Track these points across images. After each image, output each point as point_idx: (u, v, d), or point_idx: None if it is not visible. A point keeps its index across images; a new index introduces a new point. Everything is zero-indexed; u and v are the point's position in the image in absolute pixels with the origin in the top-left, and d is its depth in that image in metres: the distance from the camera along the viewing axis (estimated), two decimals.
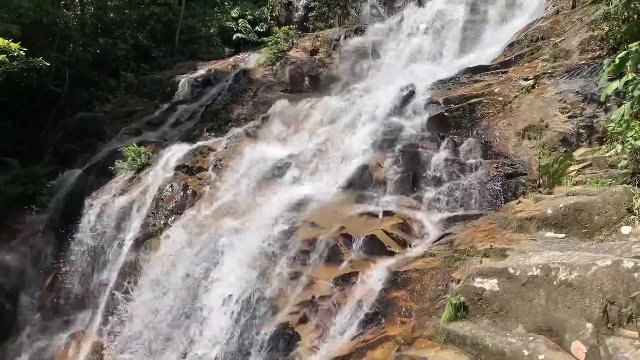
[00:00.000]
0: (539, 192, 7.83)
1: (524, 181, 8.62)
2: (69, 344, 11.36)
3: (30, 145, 17.79)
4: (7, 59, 12.11)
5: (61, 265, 12.77)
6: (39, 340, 12.20)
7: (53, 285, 12.69)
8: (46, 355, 11.70)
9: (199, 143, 13.90)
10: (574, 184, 7.35)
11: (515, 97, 10.31)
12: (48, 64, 14.29)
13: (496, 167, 9.06)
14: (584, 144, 8.64)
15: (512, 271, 5.16)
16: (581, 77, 9.77)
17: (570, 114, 9.14)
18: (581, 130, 8.77)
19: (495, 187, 8.80)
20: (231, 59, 21.44)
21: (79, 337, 11.37)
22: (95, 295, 11.79)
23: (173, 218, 11.62)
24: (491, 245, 6.33)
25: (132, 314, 10.68)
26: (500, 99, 10.45)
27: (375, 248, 8.31)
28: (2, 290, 12.49)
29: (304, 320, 7.94)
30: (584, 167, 7.77)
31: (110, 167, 14.05)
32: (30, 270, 13.25)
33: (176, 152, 13.59)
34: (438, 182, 9.50)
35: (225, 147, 13.37)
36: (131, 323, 10.44)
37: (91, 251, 12.42)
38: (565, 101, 9.37)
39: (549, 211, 6.34)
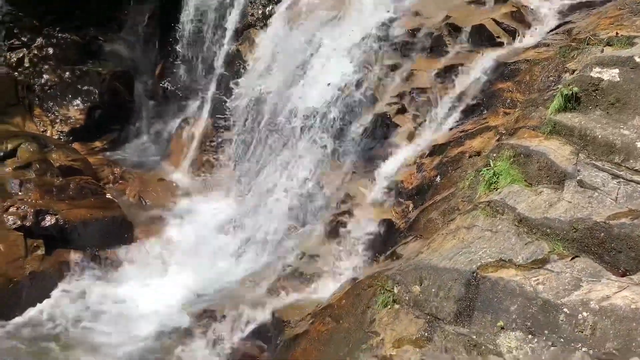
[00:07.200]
0: None
1: None
2: (183, 128, 12.39)
3: None
4: None
5: (167, 54, 13.32)
6: (155, 123, 13.38)
7: (163, 74, 13.41)
8: (162, 136, 12.93)
9: None
10: None
11: None
12: None
13: None
14: None
15: (638, 60, 4.71)
16: None
17: None
18: None
19: None
20: None
21: (191, 122, 12.34)
22: (202, 84, 12.41)
23: (271, 7, 11.38)
24: (617, 33, 5.69)
25: (237, 105, 11.21)
26: None
27: (483, 39, 7.80)
28: (118, 75, 13.36)
29: (402, 111, 8.00)
30: None
31: None
32: (140, 59, 13.95)
33: None
34: None
35: None
36: (236, 110, 11.04)
37: (194, 41, 12.71)
38: None
39: None
